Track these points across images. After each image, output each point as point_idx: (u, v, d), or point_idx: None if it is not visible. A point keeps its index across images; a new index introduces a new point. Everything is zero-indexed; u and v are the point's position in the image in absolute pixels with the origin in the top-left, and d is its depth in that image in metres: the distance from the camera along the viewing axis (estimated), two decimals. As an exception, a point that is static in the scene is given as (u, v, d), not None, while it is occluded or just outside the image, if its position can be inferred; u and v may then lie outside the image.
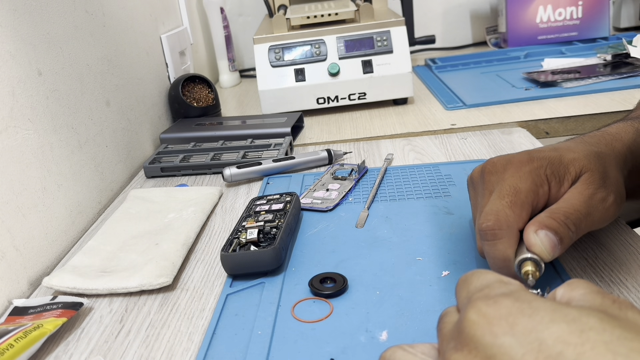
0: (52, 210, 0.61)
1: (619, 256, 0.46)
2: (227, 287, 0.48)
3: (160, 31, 1.02)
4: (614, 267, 0.45)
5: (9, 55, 0.56)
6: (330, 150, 0.74)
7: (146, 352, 0.42)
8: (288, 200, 0.58)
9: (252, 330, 0.42)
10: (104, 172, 0.73)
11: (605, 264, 0.45)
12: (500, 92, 0.96)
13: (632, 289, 0.42)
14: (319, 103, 0.96)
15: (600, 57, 1.08)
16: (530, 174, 0.42)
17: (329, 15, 1.00)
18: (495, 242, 0.40)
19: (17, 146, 0.56)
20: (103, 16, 0.78)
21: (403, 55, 0.94)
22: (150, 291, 0.50)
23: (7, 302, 0.52)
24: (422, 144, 0.78)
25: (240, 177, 0.71)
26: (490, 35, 1.41)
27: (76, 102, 0.68)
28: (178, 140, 0.86)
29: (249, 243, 0.50)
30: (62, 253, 0.61)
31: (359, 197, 0.62)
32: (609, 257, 0.46)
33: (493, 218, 0.40)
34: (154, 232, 0.58)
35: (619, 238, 0.49)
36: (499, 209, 0.41)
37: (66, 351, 0.43)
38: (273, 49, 0.96)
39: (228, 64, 1.29)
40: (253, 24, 1.43)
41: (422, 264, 0.48)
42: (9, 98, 0.55)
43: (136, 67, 0.88)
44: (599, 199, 0.41)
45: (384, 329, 0.40)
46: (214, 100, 0.99)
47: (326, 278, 0.46)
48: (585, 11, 1.25)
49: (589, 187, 0.41)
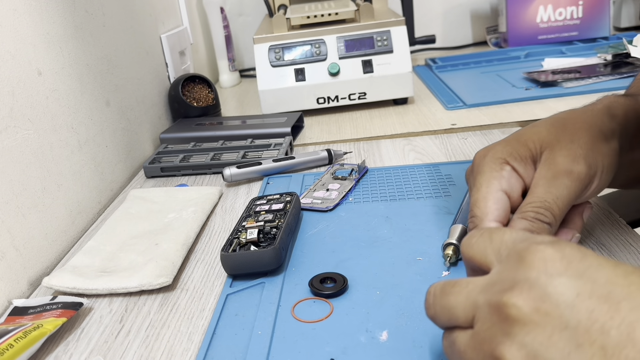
0: (52, 210, 0.61)
1: (619, 256, 0.46)
2: (227, 287, 0.48)
3: (160, 31, 1.02)
4: (614, 267, 0.45)
5: (9, 55, 0.56)
6: (330, 150, 0.74)
7: (146, 352, 0.42)
8: (288, 200, 0.58)
9: (252, 330, 0.42)
10: (104, 172, 0.73)
11: (605, 264, 0.45)
12: (500, 92, 0.96)
13: (632, 289, 0.42)
14: (319, 103, 0.96)
15: (600, 57, 1.08)
16: (486, 165, 0.43)
17: (329, 15, 0.99)
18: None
19: (17, 146, 0.56)
20: (103, 16, 0.78)
21: (403, 55, 0.94)
22: (150, 291, 0.50)
23: (7, 302, 0.52)
24: (422, 144, 0.78)
25: (240, 177, 0.71)
26: (491, 35, 1.41)
27: (76, 102, 0.68)
28: (178, 140, 0.86)
29: (249, 243, 0.50)
30: (62, 253, 0.61)
31: (359, 197, 0.62)
32: (609, 257, 0.46)
33: (469, 222, 0.42)
34: (154, 232, 0.58)
35: (619, 238, 0.49)
36: (470, 210, 0.42)
37: (66, 351, 0.43)
38: (273, 49, 0.96)
39: (228, 64, 1.29)
40: (253, 24, 1.43)
41: (422, 264, 0.48)
42: (9, 98, 0.55)
43: (136, 67, 0.88)
44: (564, 174, 0.40)
45: (384, 329, 0.40)
46: (214, 100, 0.99)
47: (326, 278, 0.46)
48: (585, 11, 1.25)
49: (550, 168, 0.41)
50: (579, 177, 0.40)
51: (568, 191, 0.40)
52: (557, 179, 0.40)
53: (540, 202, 0.40)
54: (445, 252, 0.47)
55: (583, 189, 0.41)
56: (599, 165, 0.41)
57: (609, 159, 0.42)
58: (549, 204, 0.40)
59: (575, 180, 0.40)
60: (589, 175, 0.40)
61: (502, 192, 0.42)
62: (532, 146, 0.42)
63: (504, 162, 0.42)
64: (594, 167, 0.41)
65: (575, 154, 0.41)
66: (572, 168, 0.40)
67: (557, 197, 0.40)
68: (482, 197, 0.42)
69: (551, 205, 0.40)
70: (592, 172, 0.41)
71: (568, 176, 0.40)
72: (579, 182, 0.40)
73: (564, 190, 0.40)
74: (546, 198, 0.40)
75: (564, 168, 0.40)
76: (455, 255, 0.46)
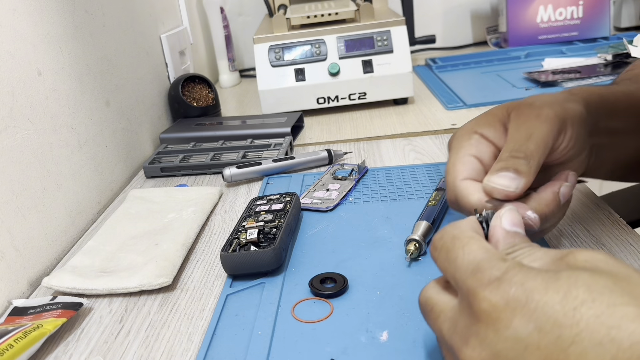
0: (52, 211, 0.61)
1: (619, 256, 0.46)
2: (227, 287, 0.48)
3: (160, 31, 1.01)
4: (614, 267, 0.45)
5: (8, 55, 0.56)
6: (330, 150, 0.74)
7: (146, 352, 0.42)
8: (288, 200, 0.58)
9: (252, 330, 0.42)
10: (104, 172, 0.73)
11: (605, 264, 0.45)
12: (500, 92, 0.96)
13: (632, 289, 0.42)
14: (319, 103, 0.96)
15: (600, 57, 1.08)
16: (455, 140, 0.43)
17: (329, 15, 0.99)
18: (451, 203, 0.42)
19: (17, 146, 0.56)
20: (103, 16, 0.78)
21: (403, 55, 0.94)
22: (150, 291, 0.50)
23: (7, 302, 0.51)
24: (422, 144, 0.78)
25: (240, 177, 0.71)
26: (491, 35, 1.41)
27: (76, 102, 0.68)
28: (178, 140, 0.86)
29: (249, 243, 0.50)
30: (62, 253, 0.61)
31: (359, 197, 0.62)
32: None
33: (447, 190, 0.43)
34: (154, 232, 0.58)
35: (619, 238, 0.49)
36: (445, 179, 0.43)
37: (66, 351, 0.43)
38: (273, 49, 0.96)
39: (228, 64, 1.29)
40: (253, 24, 1.43)
41: (422, 264, 0.48)
42: (9, 98, 0.55)
43: (136, 67, 0.88)
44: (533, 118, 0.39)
45: (385, 329, 0.40)
46: (213, 100, 0.99)
47: (326, 278, 0.46)
48: (585, 11, 1.25)
49: (519, 116, 0.40)
50: (547, 118, 0.39)
51: (540, 130, 0.39)
52: (526, 123, 0.39)
53: (513, 142, 0.39)
54: (407, 247, 0.48)
55: (555, 132, 0.39)
56: (566, 114, 0.40)
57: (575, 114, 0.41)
58: (521, 144, 0.38)
59: (545, 121, 0.39)
60: (558, 118, 0.39)
61: (470, 156, 0.41)
62: (498, 112, 0.42)
63: (471, 132, 0.42)
64: (562, 114, 0.40)
65: (541, 104, 0.40)
66: (540, 112, 0.39)
67: (528, 134, 0.39)
68: (451, 165, 0.42)
69: (524, 147, 0.38)
70: (561, 117, 0.39)
71: (537, 118, 0.39)
72: (548, 123, 0.39)
73: (535, 129, 0.39)
74: (517, 139, 0.39)
75: (531, 113, 0.40)
76: (417, 251, 0.48)
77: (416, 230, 0.49)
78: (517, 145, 0.39)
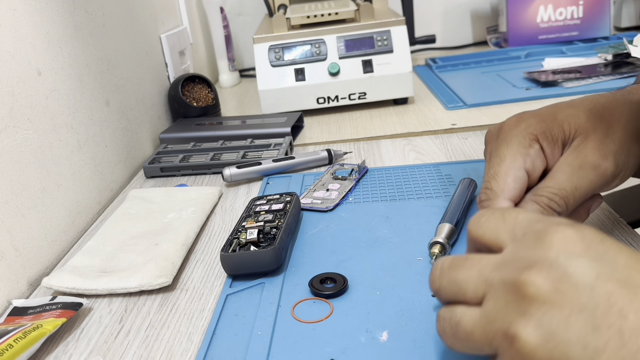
0: (52, 211, 0.60)
1: (620, 256, 0.46)
2: (227, 287, 0.48)
3: (160, 31, 1.01)
4: (614, 267, 0.45)
5: (8, 55, 0.56)
6: (330, 150, 0.74)
7: (146, 352, 0.42)
8: (288, 200, 0.58)
9: (252, 330, 0.42)
10: (104, 172, 0.73)
11: (606, 264, 0.45)
12: (500, 92, 0.96)
13: (633, 289, 0.42)
14: (319, 103, 0.96)
15: (601, 56, 1.08)
16: (515, 137, 0.41)
17: (329, 15, 0.99)
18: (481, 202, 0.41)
19: (17, 146, 0.56)
20: (103, 16, 0.78)
21: (403, 54, 0.94)
22: (149, 291, 0.50)
23: (7, 302, 0.51)
24: (422, 144, 0.78)
25: (240, 177, 0.71)
26: (491, 35, 1.41)
27: (76, 102, 0.68)
28: (178, 140, 0.86)
29: (248, 243, 0.50)
30: (62, 253, 0.61)
31: (359, 197, 0.62)
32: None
33: (483, 193, 0.41)
34: (154, 232, 0.58)
35: (619, 238, 0.48)
36: (486, 180, 0.41)
37: (65, 351, 0.43)
38: (273, 49, 0.96)
39: (228, 64, 1.29)
40: (253, 24, 1.43)
41: (422, 264, 0.48)
42: (9, 98, 0.55)
43: (136, 67, 0.88)
44: (590, 167, 0.39)
45: (385, 330, 0.40)
46: (213, 100, 0.99)
47: (326, 278, 0.46)
48: (586, 11, 1.25)
49: (578, 156, 0.39)
50: (604, 174, 0.39)
51: (589, 185, 0.39)
52: (582, 169, 0.39)
53: (558, 189, 0.39)
54: (432, 250, 0.47)
55: (604, 185, 0.40)
56: (626, 165, 0.40)
57: (636, 160, 0.41)
58: (566, 193, 0.38)
59: (600, 176, 0.39)
60: (614, 174, 0.40)
61: (524, 170, 0.40)
62: (566, 128, 0.40)
63: (534, 139, 0.40)
64: (621, 167, 0.40)
65: (606, 149, 0.39)
66: (601, 163, 0.39)
67: (576, 187, 0.39)
68: (503, 172, 0.40)
69: (568, 195, 0.38)
70: (618, 171, 0.40)
71: (594, 170, 0.39)
72: (602, 178, 0.39)
73: (586, 182, 0.39)
74: (565, 187, 0.39)
75: (592, 161, 0.39)
76: (441, 254, 0.47)
77: (440, 232, 0.48)
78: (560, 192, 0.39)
